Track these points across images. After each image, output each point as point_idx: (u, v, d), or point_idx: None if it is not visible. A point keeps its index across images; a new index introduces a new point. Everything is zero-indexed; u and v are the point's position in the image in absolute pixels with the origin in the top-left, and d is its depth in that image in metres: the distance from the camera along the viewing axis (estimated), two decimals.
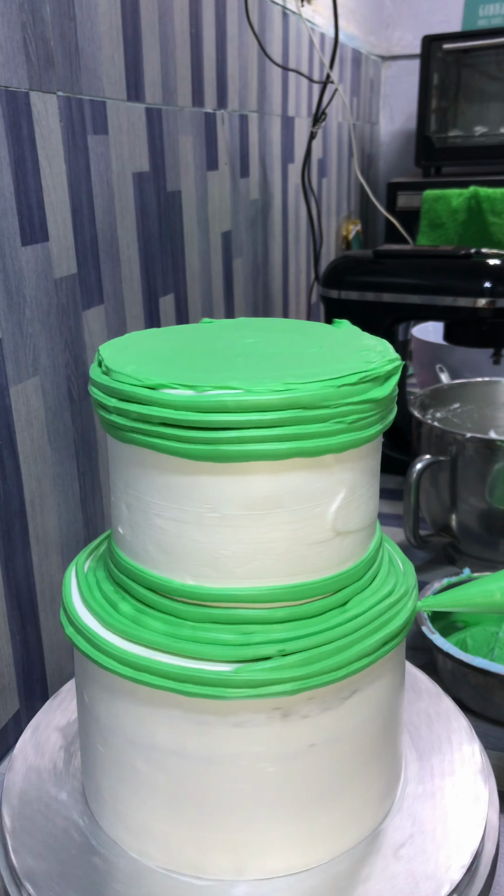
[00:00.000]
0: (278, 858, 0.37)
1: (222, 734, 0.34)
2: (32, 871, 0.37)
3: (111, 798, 0.38)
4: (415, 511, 0.70)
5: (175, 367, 0.35)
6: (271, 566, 0.34)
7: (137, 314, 0.73)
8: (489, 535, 0.71)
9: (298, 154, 1.22)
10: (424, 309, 0.87)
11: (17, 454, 0.55)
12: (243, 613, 0.35)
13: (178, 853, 0.37)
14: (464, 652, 0.54)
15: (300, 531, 0.34)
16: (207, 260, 0.89)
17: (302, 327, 0.42)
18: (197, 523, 0.34)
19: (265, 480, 0.33)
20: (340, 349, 0.37)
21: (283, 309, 1.24)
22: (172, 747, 0.35)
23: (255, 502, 0.33)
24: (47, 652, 0.61)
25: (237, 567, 0.34)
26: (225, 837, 0.36)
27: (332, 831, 0.38)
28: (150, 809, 0.37)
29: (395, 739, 0.41)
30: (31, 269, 0.55)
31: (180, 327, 0.43)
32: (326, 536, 0.35)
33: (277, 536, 0.34)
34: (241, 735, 0.34)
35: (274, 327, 0.42)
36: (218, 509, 0.34)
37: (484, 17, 1.78)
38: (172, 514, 0.34)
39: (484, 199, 1.42)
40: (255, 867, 0.37)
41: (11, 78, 0.52)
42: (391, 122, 1.96)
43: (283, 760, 0.35)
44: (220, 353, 0.37)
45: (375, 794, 0.39)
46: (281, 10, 1.08)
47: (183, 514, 0.34)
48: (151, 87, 0.72)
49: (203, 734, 0.35)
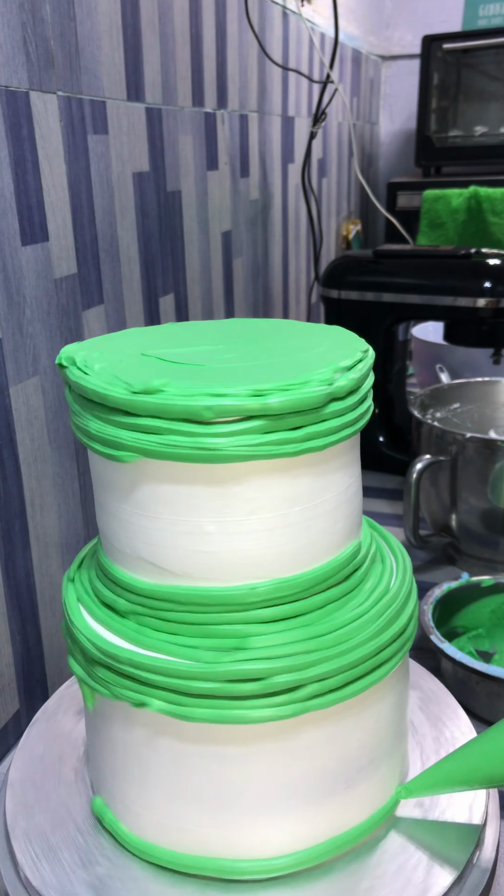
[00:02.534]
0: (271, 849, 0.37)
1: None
2: (35, 870, 0.37)
3: (115, 786, 0.39)
4: (415, 511, 0.70)
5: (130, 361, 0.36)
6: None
7: (137, 314, 0.73)
8: (489, 534, 0.71)
9: (298, 154, 1.22)
10: (424, 309, 0.87)
11: (17, 454, 0.55)
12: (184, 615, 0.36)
13: (176, 833, 0.37)
14: (474, 659, 0.54)
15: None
16: (207, 260, 0.89)
17: (289, 331, 0.42)
18: (117, 517, 0.36)
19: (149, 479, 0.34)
20: (300, 358, 0.36)
21: (283, 309, 1.24)
22: (164, 743, 0.36)
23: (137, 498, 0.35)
24: (47, 652, 0.61)
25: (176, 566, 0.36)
26: (225, 822, 0.36)
27: (335, 827, 0.38)
28: (149, 796, 0.37)
29: (399, 740, 0.41)
30: (31, 269, 0.55)
31: (168, 326, 0.43)
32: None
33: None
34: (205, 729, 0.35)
35: (258, 330, 0.42)
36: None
37: (484, 17, 1.78)
38: (102, 501, 0.37)
39: (484, 199, 1.42)
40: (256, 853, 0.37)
41: (11, 78, 0.52)
42: (391, 122, 1.96)
43: (242, 761, 0.35)
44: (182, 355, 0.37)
45: (379, 791, 0.39)
46: (281, 9, 1.08)
47: (116, 510, 0.36)
48: (151, 86, 0.72)
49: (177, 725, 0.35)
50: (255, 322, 0.44)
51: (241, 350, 0.38)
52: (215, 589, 0.35)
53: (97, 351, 0.37)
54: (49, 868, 0.37)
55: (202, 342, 0.39)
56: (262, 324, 0.43)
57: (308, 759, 0.36)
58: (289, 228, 1.22)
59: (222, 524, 0.34)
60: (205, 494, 0.33)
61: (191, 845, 0.37)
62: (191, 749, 0.35)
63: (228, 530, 0.34)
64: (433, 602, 0.60)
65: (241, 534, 0.34)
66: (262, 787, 0.36)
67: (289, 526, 0.34)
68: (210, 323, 0.44)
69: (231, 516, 0.34)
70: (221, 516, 0.34)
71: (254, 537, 0.34)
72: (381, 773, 0.39)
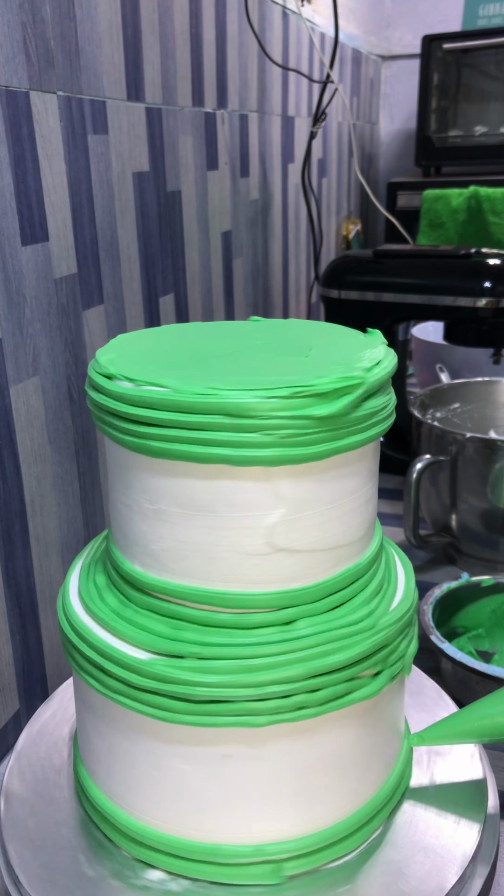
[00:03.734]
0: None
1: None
2: (31, 872, 0.37)
3: (102, 783, 0.39)
4: (415, 511, 0.70)
5: (154, 362, 0.36)
6: (202, 568, 0.35)
7: (137, 314, 0.73)
8: (489, 534, 0.71)
9: (298, 154, 1.22)
10: (424, 309, 0.87)
11: (17, 454, 0.55)
12: (177, 609, 0.36)
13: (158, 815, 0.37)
14: (474, 659, 0.54)
15: (232, 539, 0.34)
16: (207, 260, 0.89)
17: (318, 330, 0.42)
18: (140, 513, 0.35)
19: (196, 482, 0.33)
20: (324, 357, 0.36)
21: (284, 309, 1.24)
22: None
23: (187, 502, 0.34)
24: (47, 652, 0.61)
25: (172, 563, 0.35)
26: (214, 825, 0.37)
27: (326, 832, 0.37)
28: (134, 796, 0.38)
29: (392, 740, 0.41)
30: (31, 269, 0.55)
31: (189, 325, 0.44)
32: (262, 550, 0.34)
33: (209, 540, 0.34)
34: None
35: (281, 330, 0.42)
36: (155, 503, 0.35)
37: (484, 17, 1.78)
38: (124, 500, 0.36)
39: (484, 199, 1.42)
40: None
41: (11, 78, 0.52)
42: (391, 122, 1.96)
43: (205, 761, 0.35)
44: (203, 353, 0.37)
45: (371, 791, 0.39)
46: (281, 9, 1.08)
47: (130, 502, 0.36)
48: (151, 86, 0.72)
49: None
50: (271, 322, 0.44)
51: (268, 349, 0.38)
52: (219, 591, 0.35)
53: (126, 352, 0.38)
54: (44, 869, 0.37)
55: (229, 342, 0.39)
56: (277, 324, 0.44)
57: (295, 763, 0.36)
58: (289, 228, 1.22)
59: (182, 517, 0.34)
60: (239, 493, 0.33)
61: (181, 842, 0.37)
62: (186, 749, 0.35)
63: (233, 533, 0.34)
64: (433, 602, 0.60)
65: (247, 536, 0.34)
66: (260, 787, 0.36)
67: (310, 527, 0.35)
68: (229, 324, 0.44)
69: (257, 515, 0.34)
70: (182, 509, 0.34)
71: (264, 540, 0.34)
72: (373, 776, 0.39)
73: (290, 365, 0.35)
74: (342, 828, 0.37)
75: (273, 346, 0.39)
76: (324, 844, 0.37)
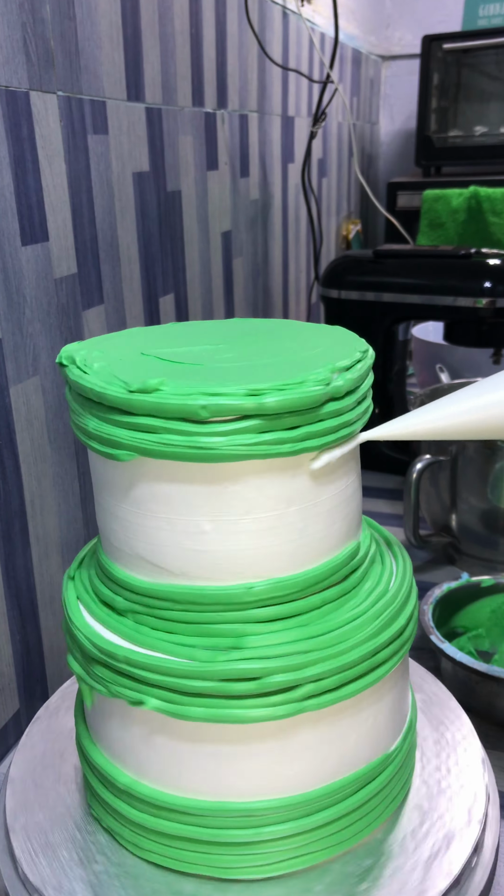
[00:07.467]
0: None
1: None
2: (34, 867, 0.37)
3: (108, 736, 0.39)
4: (415, 511, 0.70)
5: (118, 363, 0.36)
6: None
7: (137, 314, 0.73)
8: (489, 534, 0.71)
9: (298, 154, 1.22)
10: (424, 309, 0.87)
11: (17, 454, 0.55)
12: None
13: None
14: (474, 659, 0.54)
15: (179, 532, 0.35)
16: (207, 260, 0.89)
17: (289, 331, 0.41)
18: (110, 512, 0.37)
19: (155, 483, 0.34)
20: (299, 358, 0.36)
21: (283, 309, 1.24)
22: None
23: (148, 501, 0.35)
24: (47, 652, 0.61)
25: (167, 564, 0.36)
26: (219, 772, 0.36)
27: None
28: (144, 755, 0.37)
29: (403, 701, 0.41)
30: (31, 269, 0.55)
31: (171, 326, 0.43)
32: (218, 546, 0.35)
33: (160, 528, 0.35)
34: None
35: (258, 330, 0.42)
36: (120, 503, 0.36)
37: (484, 17, 1.78)
38: (101, 500, 0.37)
39: (484, 199, 1.42)
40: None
41: (11, 78, 0.52)
42: (391, 122, 1.96)
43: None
44: (168, 354, 0.37)
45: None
46: (281, 9, 1.08)
47: (101, 500, 0.37)
48: (151, 86, 0.72)
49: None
50: (255, 322, 0.44)
51: (239, 350, 0.38)
52: (212, 588, 0.35)
53: (97, 350, 0.37)
54: (47, 865, 0.37)
55: (201, 342, 0.39)
56: (262, 324, 0.43)
57: (304, 759, 0.36)
58: (289, 228, 1.22)
59: (219, 523, 0.34)
60: (202, 493, 0.33)
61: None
62: (186, 747, 0.35)
63: (225, 529, 0.34)
64: (433, 602, 0.60)
65: (238, 533, 0.34)
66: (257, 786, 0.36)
67: (285, 526, 0.34)
68: (211, 323, 0.44)
69: (228, 515, 0.34)
70: (218, 515, 0.34)
71: (250, 537, 0.34)
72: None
73: (255, 368, 0.35)
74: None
75: (244, 347, 0.38)
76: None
